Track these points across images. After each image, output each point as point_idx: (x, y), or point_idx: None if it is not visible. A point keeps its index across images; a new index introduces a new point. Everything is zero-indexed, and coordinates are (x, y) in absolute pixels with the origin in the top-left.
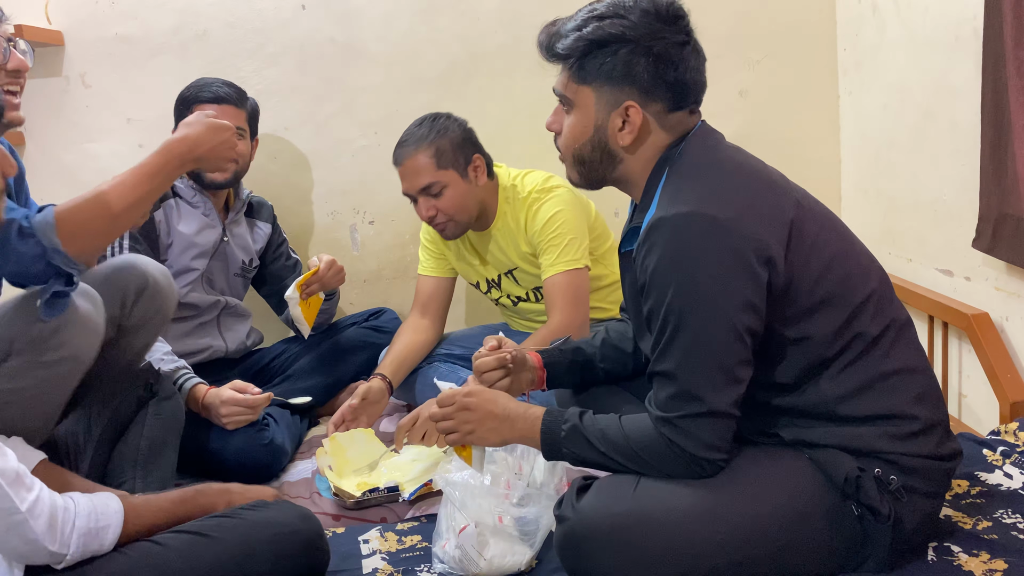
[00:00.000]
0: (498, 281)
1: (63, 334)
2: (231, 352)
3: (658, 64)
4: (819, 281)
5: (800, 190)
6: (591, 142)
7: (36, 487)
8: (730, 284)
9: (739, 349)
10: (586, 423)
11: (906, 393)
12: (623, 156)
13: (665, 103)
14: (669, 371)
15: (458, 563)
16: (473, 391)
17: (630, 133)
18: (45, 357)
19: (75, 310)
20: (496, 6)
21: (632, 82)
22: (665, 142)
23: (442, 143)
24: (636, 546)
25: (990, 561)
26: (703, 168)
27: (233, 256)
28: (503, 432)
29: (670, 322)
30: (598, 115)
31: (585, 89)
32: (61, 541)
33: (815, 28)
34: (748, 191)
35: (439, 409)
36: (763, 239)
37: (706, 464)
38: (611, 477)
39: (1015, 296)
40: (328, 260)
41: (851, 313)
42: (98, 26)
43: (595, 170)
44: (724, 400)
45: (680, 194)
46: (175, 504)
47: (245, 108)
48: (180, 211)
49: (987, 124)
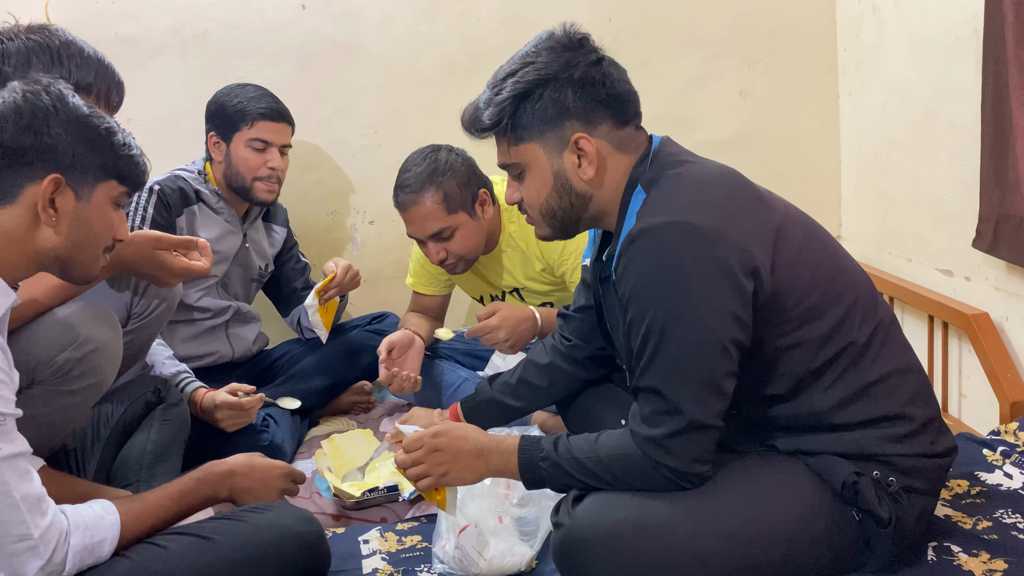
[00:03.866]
0: (502, 298)
1: (89, 363)
2: (236, 358)
3: (584, 88)
4: (807, 290)
5: (782, 200)
6: (555, 191)
7: (50, 513)
8: (714, 296)
9: (724, 362)
10: (562, 454)
11: (899, 395)
12: (591, 192)
13: (609, 122)
14: (653, 386)
15: (458, 563)
16: (440, 430)
17: (590, 164)
18: (70, 386)
19: (100, 339)
20: (496, 6)
21: (570, 115)
22: (627, 163)
23: (449, 186)
24: (633, 553)
25: (990, 561)
26: (681, 177)
27: (251, 262)
28: (478, 468)
29: (652, 335)
30: (552, 162)
31: (528, 146)
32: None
33: (815, 28)
34: (731, 200)
35: (407, 455)
36: (748, 249)
37: (693, 478)
38: None
39: (1015, 296)
40: (344, 265)
41: (839, 320)
42: (98, 26)
43: (567, 217)
44: (709, 413)
45: (659, 205)
46: (176, 500)
47: (293, 123)
48: (203, 217)
49: (987, 124)
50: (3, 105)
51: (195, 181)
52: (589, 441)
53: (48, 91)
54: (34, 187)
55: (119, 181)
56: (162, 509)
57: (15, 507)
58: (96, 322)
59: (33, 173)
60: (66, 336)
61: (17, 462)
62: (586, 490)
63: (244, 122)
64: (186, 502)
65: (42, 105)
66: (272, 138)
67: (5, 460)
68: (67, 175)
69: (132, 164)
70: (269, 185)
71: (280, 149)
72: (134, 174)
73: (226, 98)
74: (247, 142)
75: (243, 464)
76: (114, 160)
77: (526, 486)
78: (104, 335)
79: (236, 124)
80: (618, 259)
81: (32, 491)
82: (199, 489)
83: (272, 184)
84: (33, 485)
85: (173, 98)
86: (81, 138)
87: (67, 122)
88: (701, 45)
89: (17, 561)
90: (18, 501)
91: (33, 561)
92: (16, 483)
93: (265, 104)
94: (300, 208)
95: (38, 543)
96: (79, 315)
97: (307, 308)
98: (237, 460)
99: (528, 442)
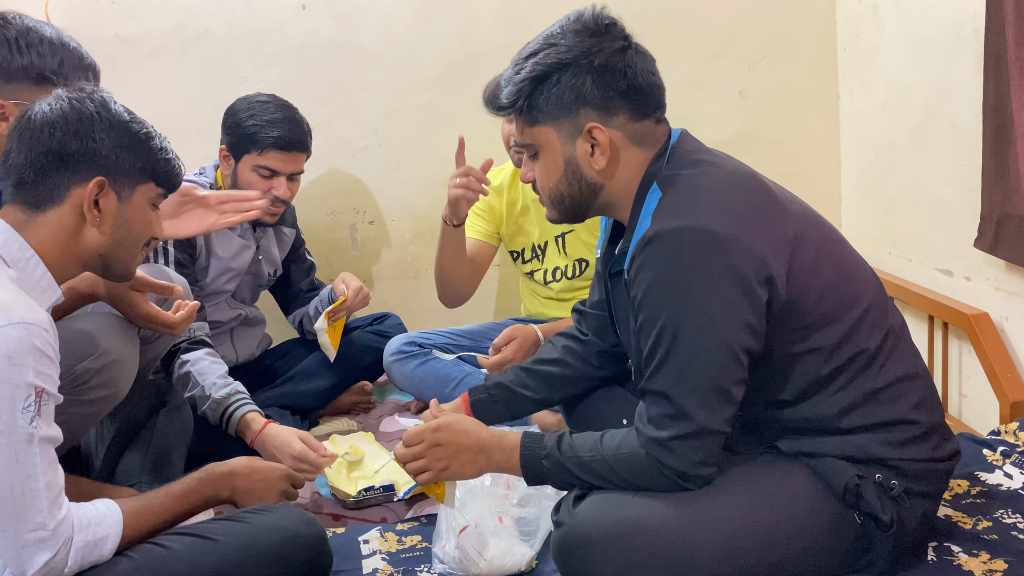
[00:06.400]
0: (543, 248)
1: (106, 374)
2: (240, 362)
3: (604, 77)
4: (821, 297)
5: (799, 201)
6: (565, 177)
7: (64, 507)
8: (728, 303)
9: (735, 369)
10: (565, 451)
11: (906, 401)
12: (602, 182)
13: (627, 114)
14: (662, 390)
15: (458, 563)
16: (441, 425)
17: (602, 155)
18: (86, 396)
19: (119, 351)
20: (496, 6)
21: (586, 103)
22: (642, 157)
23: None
24: (633, 553)
25: (990, 561)
26: (699, 179)
27: (261, 270)
28: (479, 463)
29: (664, 340)
30: (564, 148)
31: (543, 128)
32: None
33: (815, 28)
34: (748, 205)
35: (407, 449)
36: (764, 257)
37: (697, 480)
38: None
39: (1015, 296)
40: (355, 288)
41: (851, 327)
42: (98, 26)
43: (576, 204)
44: (717, 419)
45: (676, 207)
46: (178, 500)
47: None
48: (218, 234)
49: (988, 124)
50: (51, 112)
51: None
52: (593, 439)
53: (92, 98)
54: (80, 189)
55: (156, 183)
56: (164, 509)
57: (38, 493)
58: (115, 334)
59: (79, 176)
60: (86, 347)
61: (48, 448)
62: (588, 488)
63: (255, 147)
64: (188, 502)
65: (87, 112)
66: (281, 167)
67: (41, 442)
68: (110, 177)
69: (169, 167)
70: (273, 209)
71: (289, 175)
72: (170, 176)
73: (244, 114)
74: (254, 167)
75: (244, 466)
76: (152, 163)
77: (527, 482)
78: (123, 348)
79: (247, 146)
80: (631, 260)
81: (56, 481)
82: (201, 489)
83: (275, 208)
84: (57, 476)
85: (173, 98)
86: (123, 142)
87: (110, 127)
88: (701, 45)
89: (27, 552)
90: (43, 488)
91: (41, 554)
92: (44, 469)
93: (279, 132)
94: (300, 208)
95: (50, 536)
96: (99, 326)
97: (317, 331)
98: (239, 462)
99: (530, 438)
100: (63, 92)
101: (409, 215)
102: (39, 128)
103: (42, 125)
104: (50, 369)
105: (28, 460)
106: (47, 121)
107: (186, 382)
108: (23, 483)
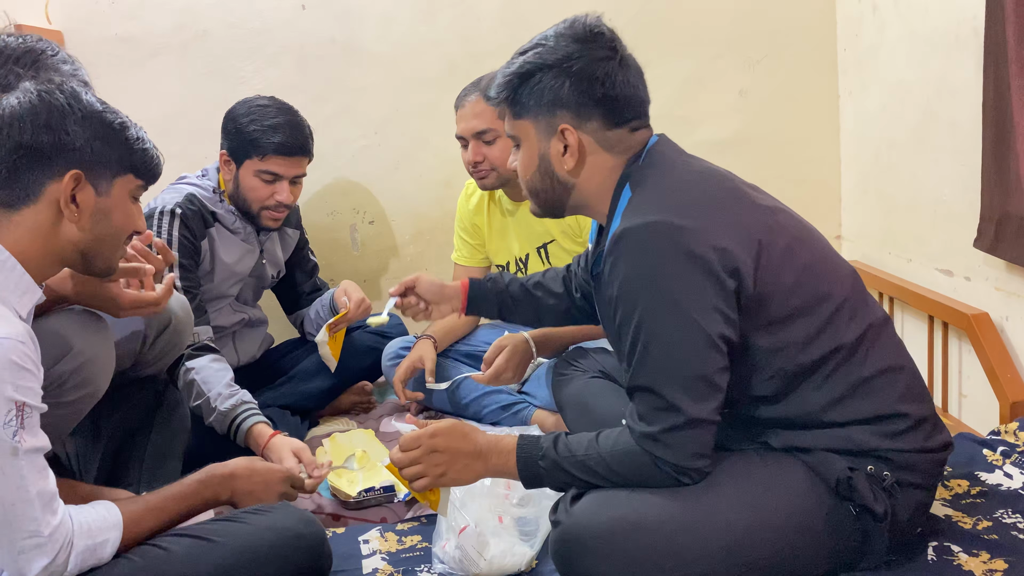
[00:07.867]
0: (525, 261)
1: (82, 373)
2: (240, 364)
3: (581, 83)
4: (792, 292)
5: (771, 199)
6: (539, 171)
7: (60, 512)
8: (697, 292)
9: (714, 357)
10: (561, 452)
11: (891, 393)
12: (572, 181)
13: (599, 121)
14: (647, 385)
15: (458, 563)
16: (438, 430)
17: (571, 156)
18: (65, 397)
19: (93, 350)
20: (496, 6)
21: (562, 105)
22: (612, 163)
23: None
24: (631, 551)
25: (990, 561)
26: (668, 178)
27: (265, 273)
28: (476, 468)
29: (641, 335)
30: (539, 144)
31: (524, 123)
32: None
33: (815, 28)
34: (712, 199)
35: (403, 454)
36: (729, 249)
37: (693, 473)
38: None
39: (1015, 296)
40: (357, 300)
41: (825, 320)
42: (98, 26)
43: (550, 199)
44: (705, 409)
45: (644, 205)
46: (178, 502)
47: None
48: (221, 240)
49: (988, 124)
50: (19, 106)
51: (210, 201)
52: (588, 439)
53: (62, 89)
54: (55, 184)
55: (135, 174)
56: (164, 511)
57: (30, 503)
58: (87, 331)
59: (53, 171)
60: (59, 348)
61: (37, 457)
62: (585, 488)
63: (257, 152)
64: (187, 504)
65: (57, 103)
66: (283, 171)
67: (27, 454)
68: (86, 171)
69: (147, 157)
70: (275, 214)
71: (292, 179)
72: (149, 167)
73: (244, 119)
74: (256, 172)
75: (244, 467)
76: (129, 154)
77: (525, 485)
78: (97, 344)
79: (248, 152)
80: (604, 260)
81: (47, 488)
82: (200, 491)
83: (279, 213)
84: (48, 482)
85: (173, 98)
86: (97, 134)
87: (83, 119)
88: (701, 45)
89: (24, 559)
90: (34, 497)
91: (39, 560)
92: (34, 478)
93: (281, 137)
94: (300, 208)
95: (47, 541)
96: (70, 325)
97: (318, 343)
98: (238, 463)
99: (526, 441)
100: (31, 84)
101: (409, 215)
102: (8, 123)
103: (11, 120)
104: (30, 382)
105: (15, 473)
106: (16, 115)
107: (191, 391)
108: (13, 495)
